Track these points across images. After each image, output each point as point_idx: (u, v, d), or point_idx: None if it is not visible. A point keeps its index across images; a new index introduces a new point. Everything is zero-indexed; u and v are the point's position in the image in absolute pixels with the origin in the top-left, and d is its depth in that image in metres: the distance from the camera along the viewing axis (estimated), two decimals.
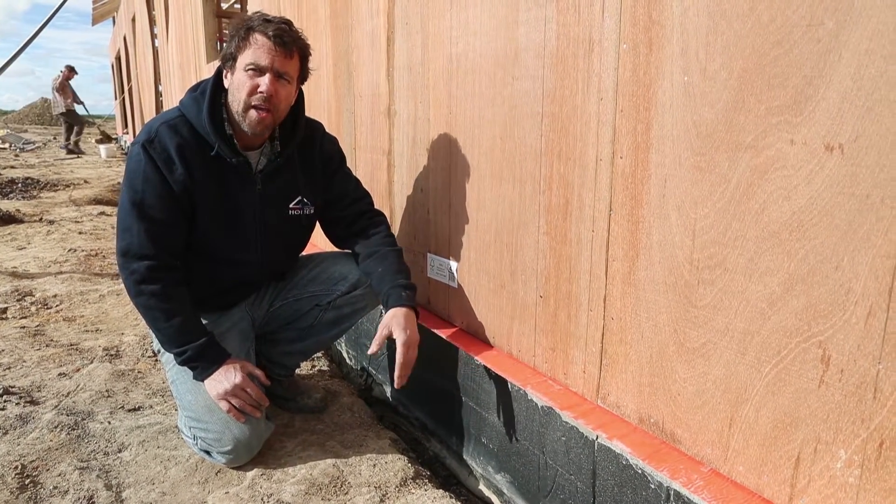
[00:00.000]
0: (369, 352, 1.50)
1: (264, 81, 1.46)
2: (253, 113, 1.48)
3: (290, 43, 1.48)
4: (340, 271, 1.76)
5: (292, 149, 1.64)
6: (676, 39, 1.00)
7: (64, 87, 12.63)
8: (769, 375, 0.93)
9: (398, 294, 1.58)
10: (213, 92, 1.52)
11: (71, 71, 12.83)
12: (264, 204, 1.62)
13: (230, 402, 1.49)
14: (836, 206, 0.82)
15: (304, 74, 1.58)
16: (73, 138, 12.82)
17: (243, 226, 1.61)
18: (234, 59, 1.49)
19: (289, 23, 1.52)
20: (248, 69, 1.46)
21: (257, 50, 1.45)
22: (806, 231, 0.86)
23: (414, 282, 1.66)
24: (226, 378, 1.50)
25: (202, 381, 1.52)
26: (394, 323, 1.51)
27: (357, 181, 1.82)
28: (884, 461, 0.81)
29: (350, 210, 1.76)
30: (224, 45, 1.55)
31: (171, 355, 1.56)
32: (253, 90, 1.47)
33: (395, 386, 1.49)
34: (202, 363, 1.51)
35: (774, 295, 0.91)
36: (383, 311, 1.61)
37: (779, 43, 0.86)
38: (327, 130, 1.80)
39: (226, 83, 1.53)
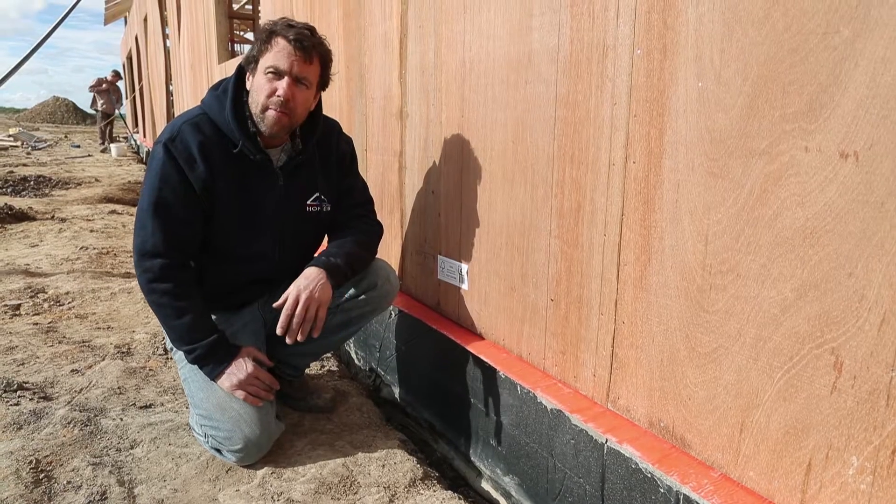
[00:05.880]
0: (273, 304, 1.53)
1: (282, 85, 1.49)
2: (270, 113, 1.52)
3: (309, 48, 1.51)
4: None
5: (312, 146, 1.68)
6: (691, 45, 1.01)
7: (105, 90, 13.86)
8: (781, 381, 0.94)
9: (317, 259, 1.60)
10: (235, 89, 1.56)
11: (116, 76, 14.28)
12: (285, 199, 1.65)
13: (246, 391, 1.53)
14: (850, 213, 0.82)
15: (324, 80, 1.61)
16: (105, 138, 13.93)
17: (262, 222, 1.64)
18: (256, 62, 1.52)
19: (311, 29, 1.54)
20: (268, 72, 1.50)
21: (277, 53, 1.49)
22: (819, 238, 0.86)
23: (350, 258, 1.65)
24: (238, 370, 1.53)
25: (215, 380, 1.54)
26: (295, 280, 1.54)
27: (364, 186, 1.85)
28: None
29: (346, 214, 1.79)
30: (241, 46, 1.57)
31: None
32: (271, 93, 1.50)
33: (288, 341, 1.52)
34: (212, 361, 1.53)
35: (787, 301, 0.91)
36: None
37: (794, 50, 0.87)
38: None
39: (248, 85, 1.57)
